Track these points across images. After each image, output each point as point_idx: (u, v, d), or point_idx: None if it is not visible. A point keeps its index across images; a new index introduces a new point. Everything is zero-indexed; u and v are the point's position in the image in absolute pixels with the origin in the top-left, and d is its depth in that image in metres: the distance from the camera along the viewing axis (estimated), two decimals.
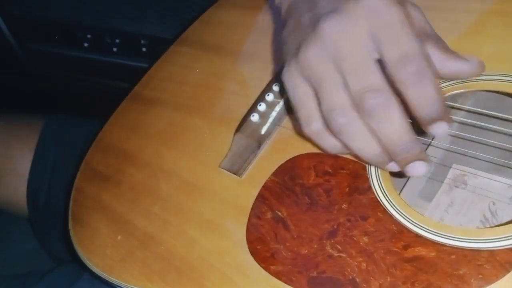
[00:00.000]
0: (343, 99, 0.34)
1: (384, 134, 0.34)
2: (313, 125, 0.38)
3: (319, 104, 0.36)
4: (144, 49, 0.89)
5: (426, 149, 0.45)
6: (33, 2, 0.98)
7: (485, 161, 0.43)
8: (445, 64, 0.37)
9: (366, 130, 0.34)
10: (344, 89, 0.34)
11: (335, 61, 0.34)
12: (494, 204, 0.42)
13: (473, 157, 0.43)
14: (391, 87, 0.34)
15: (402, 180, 0.46)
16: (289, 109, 0.47)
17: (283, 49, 0.41)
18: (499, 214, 0.42)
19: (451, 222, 0.43)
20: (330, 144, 0.38)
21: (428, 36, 0.37)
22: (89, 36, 0.94)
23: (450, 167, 0.45)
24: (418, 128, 0.36)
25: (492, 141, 0.40)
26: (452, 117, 0.45)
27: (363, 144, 0.35)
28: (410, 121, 0.35)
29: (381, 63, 0.35)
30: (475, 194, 0.43)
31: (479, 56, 0.39)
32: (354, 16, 0.34)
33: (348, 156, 0.42)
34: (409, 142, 0.34)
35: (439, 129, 0.34)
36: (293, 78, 0.37)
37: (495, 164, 0.42)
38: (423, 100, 0.33)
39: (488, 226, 0.42)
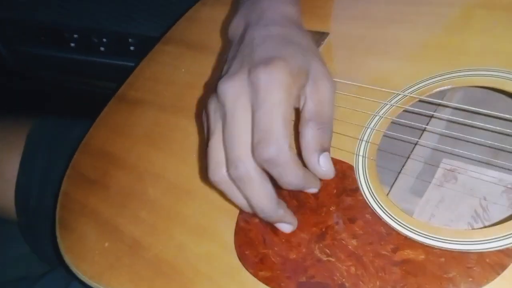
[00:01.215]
0: (219, 158, 0.37)
1: (248, 199, 0.37)
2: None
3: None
4: (132, 48, 0.88)
5: (414, 147, 0.45)
6: (18, 3, 0.96)
7: (474, 159, 0.42)
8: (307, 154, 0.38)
9: (235, 191, 0.38)
10: (223, 149, 0.37)
11: (224, 121, 0.37)
12: (485, 199, 0.42)
13: (461, 155, 0.42)
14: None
15: (393, 176, 0.45)
16: None
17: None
18: (490, 209, 0.42)
19: (442, 218, 0.42)
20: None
21: (317, 118, 0.38)
22: (76, 36, 0.92)
23: (439, 165, 0.44)
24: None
25: (479, 139, 0.40)
26: (440, 114, 0.45)
27: (235, 201, 0.39)
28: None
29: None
30: (465, 190, 0.43)
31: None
32: (242, 86, 0.37)
33: (336, 157, 0.42)
34: (269, 211, 0.37)
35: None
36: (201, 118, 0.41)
37: (484, 161, 0.42)
38: (282, 180, 0.36)
39: (479, 221, 0.41)
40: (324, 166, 0.38)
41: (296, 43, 0.40)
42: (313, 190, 0.40)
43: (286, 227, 0.40)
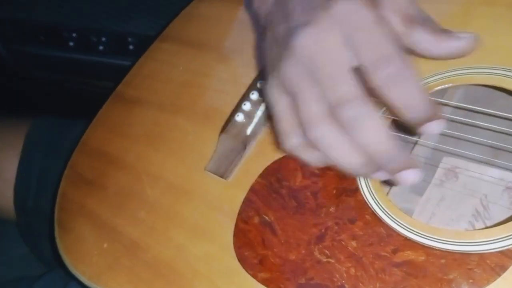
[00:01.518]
0: (319, 111, 0.33)
1: (364, 145, 0.33)
2: (291, 139, 0.37)
3: (298, 117, 0.35)
4: (131, 47, 0.87)
5: (413, 147, 0.45)
6: (17, 3, 0.95)
7: (474, 159, 0.42)
8: (438, 45, 0.35)
9: (346, 141, 0.33)
10: (321, 101, 0.33)
11: (311, 74, 0.33)
12: (486, 197, 0.42)
13: (462, 155, 0.42)
14: (373, 94, 0.33)
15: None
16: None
17: (265, 62, 0.40)
18: (491, 208, 0.41)
19: (442, 217, 0.42)
20: (311, 157, 0.37)
21: (414, 20, 0.35)
22: (74, 35, 0.92)
23: (440, 161, 0.44)
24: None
25: (480, 139, 0.39)
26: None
27: (343, 155, 0.34)
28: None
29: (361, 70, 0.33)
30: (466, 188, 0.42)
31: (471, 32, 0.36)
32: (326, 26, 0.33)
33: None
34: (393, 152, 0.32)
35: (430, 129, 0.33)
36: (274, 93, 0.37)
37: (484, 161, 0.41)
38: (406, 103, 0.32)
39: (480, 220, 0.41)
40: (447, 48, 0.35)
41: None
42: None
43: (412, 175, 0.34)
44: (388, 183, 0.37)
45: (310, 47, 0.33)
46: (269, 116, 0.47)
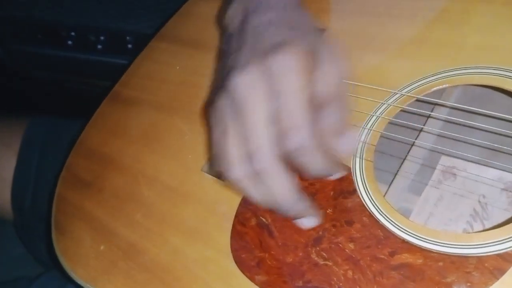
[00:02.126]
0: (234, 154, 0.35)
1: (269, 193, 0.35)
2: (218, 168, 0.38)
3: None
4: (129, 46, 0.87)
5: (410, 148, 0.44)
6: (17, 3, 0.95)
7: (471, 161, 0.42)
8: (339, 131, 0.37)
9: (254, 187, 0.36)
10: (240, 144, 0.35)
11: (236, 115, 0.35)
12: (484, 197, 0.41)
13: (459, 157, 0.42)
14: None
15: (391, 175, 0.45)
16: None
17: (214, 83, 0.42)
18: (489, 208, 0.41)
19: (440, 217, 0.42)
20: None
21: (328, 101, 0.36)
22: (72, 34, 0.91)
23: (438, 162, 0.44)
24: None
25: (478, 140, 0.39)
26: (437, 114, 0.44)
27: (254, 198, 0.37)
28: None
29: None
30: (464, 188, 0.42)
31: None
32: (257, 75, 0.35)
33: None
34: (292, 204, 0.36)
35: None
36: (210, 119, 0.39)
37: (483, 159, 0.41)
38: (309, 169, 0.36)
39: (478, 220, 0.41)
40: (347, 145, 0.37)
41: (300, 26, 0.38)
42: (336, 176, 0.40)
43: (309, 222, 0.38)
44: None
45: (238, 90, 0.35)
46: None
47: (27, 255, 0.71)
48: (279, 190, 0.35)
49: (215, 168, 0.39)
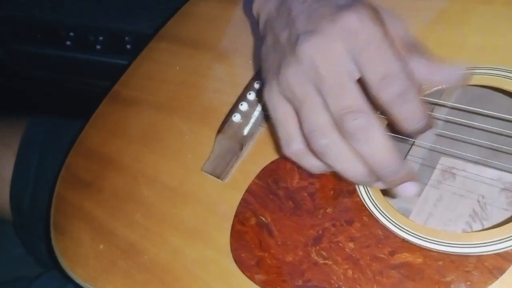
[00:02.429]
0: (323, 120, 0.33)
1: (367, 156, 0.33)
2: (293, 145, 0.37)
3: (300, 124, 0.35)
4: (128, 46, 0.87)
5: (410, 148, 0.44)
6: (14, 2, 0.95)
7: (472, 156, 0.42)
8: (432, 74, 0.36)
9: (349, 151, 0.33)
10: (325, 110, 0.33)
11: (315, 82, 0.33)
12: (483, 198, 0.42)
13: (459, 157, 0.42)
14: (376, 106, 0.33)
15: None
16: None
17: (263, 66, 0.40)
18: (489, 208, 0.41)
19: (440, 218, 0.42)
20: (313, 164, 0.37)
21: (410, 48, 0.36)
22: (71, 34, 0.91)
23: (437, 162, 0.44)
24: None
25: (478, 140, 0.39)
26: (436, 114, 0.44)
27: (347, 165, 0.34)
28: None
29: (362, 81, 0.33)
30: (464, 188, 0.42)
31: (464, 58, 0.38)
32: (332, 37, 0.33)
33: None
34: (395, 164, 0.33)
35: (426, 135, 0.34)
36: (274, 99, 0.37)
37: (483, 159, 0.41)
38: (409, 118, 0.32)
39: (477, 221, 0.41)
40: (449, 75, 0.35)
41: None
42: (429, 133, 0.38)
43: (411, 188, 0.35)
44: (387, 194, 0.37)
45: (315, 55, 0.33)
46: (267, 118, 0.46)
47: (27, 255, 0.71)
48: (381, 149, 0.32)
49: (292, 148, 0.36)
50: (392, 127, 0.35)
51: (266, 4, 0.42)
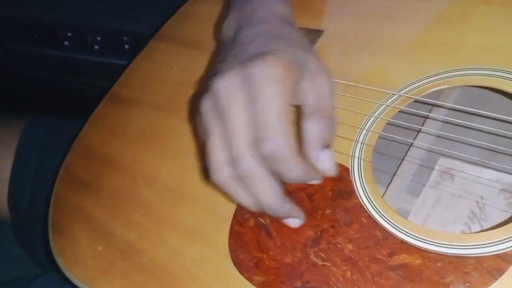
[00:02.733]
0: (221, 157, 0.36)
1: (255, 196, 0.36)
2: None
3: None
4: (127, 47, 0.87)
5: (409, 149, 0.44)
6: (14, 2, 0.94)
7: (470, 157, 0.42)
8: (309, 148, 0.37)
9: (241, 189, 0.36)
10: (224, 147, 0.36)
11: (221, 119, 0.36)
12: (482, 198, 0.42)
13: (457, 158, 0.42)
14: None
15: (389, 175, 0.45)
16: None
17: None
18: (487, 209, 0.41)
19: (438, 218, 0.42)
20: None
21: (319, 111, 0.37)
22: (69, 34, 0.91)
23: (436, 162, 0.44)
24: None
25: (476, 141, 0.39)
26: (435, 115, 0.44)
27: (240, 200, 0.37)
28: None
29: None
30: (462, 189, 0.42)
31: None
32: (235, 81, 0.36)
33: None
34: (276, 205, 0.36)
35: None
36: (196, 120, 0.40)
37: (479, 164, 0.41)
38: (283, 173, 0.36)
39: (476, 221, 0.41)
40: (323, 162, 0.37)
41: (286, 39, 0.39)
42: (316, 182, 0.40)
43: (294, 222, 0.39)
44: None
45: (221, 93, 0.36)
46: None
47: (25, 256, 0.71)
48: (263, 193, 0.36)
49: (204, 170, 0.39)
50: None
51: (228, 31, 0.45)
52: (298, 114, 0.38)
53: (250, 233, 0.41)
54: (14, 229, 0.71)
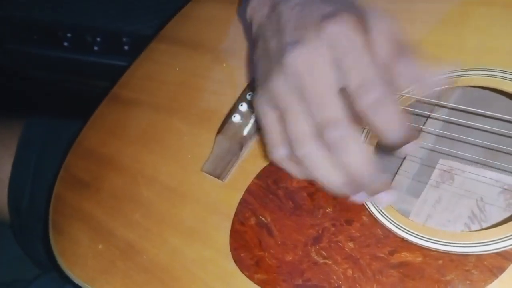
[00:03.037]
0: (304, 130, 0.35)
1: (345, 166, 0.34)
2: (278, 152, 0.38)
3: (285, 132, 0.36)
4: (126, 47, 0.87)
5: None
6: (14, 2, 0.95)
7: (470, 161, 0.42)
8: (419, 78, 0.36)
9: (328, 161, 0.34)
10: (307, 120, 0.34)
11: (299, 91, 0.34)
12: (482, 200, 0.42)
13: (458, 157, 0.42)
14: (358, 116, 0.33)
15: (389, 177, 0.45)
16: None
17: (255, 73, 0.41)
18: (487, 210, 0.41)
19: (439, 219, 0.42)
20: (296, 171, 0.39)
21: (399, 51, 0.36)
22: (69, 35, 0.91)
23: (437, 162, 0.44)
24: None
25: (477, 140, 0.39)
26: (436, 115, 0.44)
27: (326, 174, 0.35)
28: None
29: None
30: (462, 190, 0.42)
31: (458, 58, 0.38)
32: (317, 46, 0.34)
33: None
34: (372, 175, 0.34)
35: (407, 150, 0.34)
36: (262, 106, 0.38)
37: (481, 163, 0.41)
38: (386, 128, 0.33)
39: (476, 222, 0.41)
40: (433, 82, 0.36)
41: (339, 1, 0.38)
42: (412, 147, 0.35)
43: (388, 196, 0.35)
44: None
45: (299, 65, 0.34)
46: (258, 127, 0.47)
47: (25, 257, 0.71)
48: (359, 159, 0.33)
49: (278, 153, 0.37)
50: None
51: (259, 10, 0.43)
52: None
53: (251, 232, 0.41)
54: (14, 229, 0.71)
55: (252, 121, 0.48)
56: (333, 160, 0.34)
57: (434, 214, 0.42)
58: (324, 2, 0.37)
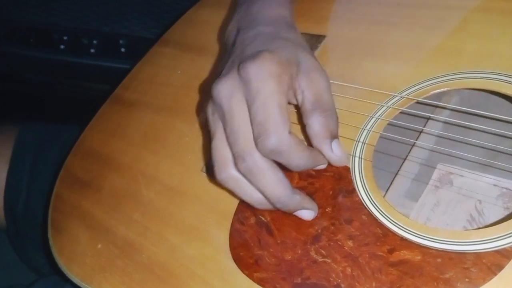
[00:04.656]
0: (224, 155, 0.37)
1: (261, 191, 0.37)
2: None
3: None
4: (123, 50, 0.87)
5: (411, 149, 0.45)
6: (6, 5, 0.95)
7: (470, 160, 0.42)
8: (320, 144, 0.38)
9: (246, 185, 0.37)
10: (227, 147, 0.37)
11: (222, 120, 0.37)
12: (480, 203, 0.42)
13: (458, 157, 0.42)
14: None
15: (388, 180, 0.45)
16: None
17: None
18: (486, 213, 0.41)
19: (437, 222, 0.42)
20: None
21: (319, 105, 0.38)
22: (65, 38, 0.92)
23: (435, 167, 0.44)
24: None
25: (477, 141, 0.40)
26: (437, 116, 0.45)
27: (246, 195, 0.38)
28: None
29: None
30: (461, 193, 0.43)
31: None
32: (235, 84, 0.37)
33: None
34: (284, 197, 0.37)
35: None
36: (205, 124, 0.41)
37: (481, 163, 0.42)
38: (289, 165, 0.37)
39: (475, 225, 0.41)
40: (337, 153, 0.38)
41: (284, 38, 0.41)
42: (322, 167, 0.41)
43: (307, 214, 0.39)
44: None
45: (221, 97, 0.37)
46: None
47: (20, 262, 0.70)
48: (271, 186, 0.36)
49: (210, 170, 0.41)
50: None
51: (229, 37, 0.46)
52: (299, 115, 0.39)
53: (251, 231, 0.41)
54: (9, 235, 0.71)
55: None
56: (249, 184, 0.37)
57: (433, 218, 0.43)
58: (267, 40, 0.40)
